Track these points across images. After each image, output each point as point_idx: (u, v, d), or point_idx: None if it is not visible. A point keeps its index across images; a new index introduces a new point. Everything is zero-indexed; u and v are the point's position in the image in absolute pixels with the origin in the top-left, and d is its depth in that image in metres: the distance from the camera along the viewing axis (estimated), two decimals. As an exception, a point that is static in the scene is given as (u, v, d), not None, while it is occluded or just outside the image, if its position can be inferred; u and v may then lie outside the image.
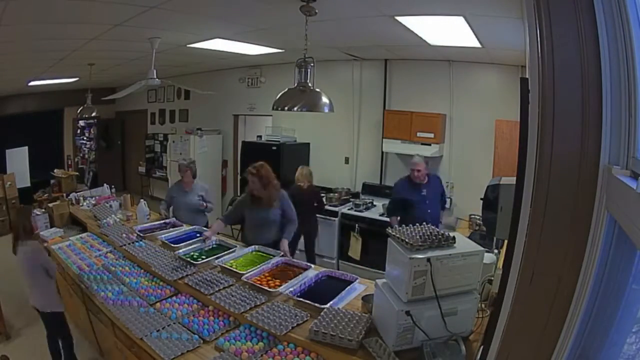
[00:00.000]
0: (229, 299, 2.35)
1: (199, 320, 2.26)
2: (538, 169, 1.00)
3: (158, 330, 2.19)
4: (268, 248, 3.06)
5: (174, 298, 2.54)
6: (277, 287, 2.45)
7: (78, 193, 5.02)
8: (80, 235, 3.80)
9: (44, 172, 7.50)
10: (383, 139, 5.07)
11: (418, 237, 1.80)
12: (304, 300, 2.25)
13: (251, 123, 7.05)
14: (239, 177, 6.35)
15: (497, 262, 2.41)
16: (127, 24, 3.20)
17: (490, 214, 2.00)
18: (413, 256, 1.71)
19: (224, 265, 2.76)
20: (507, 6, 2.49)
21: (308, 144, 5.94)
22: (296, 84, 2.70)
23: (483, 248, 1.90)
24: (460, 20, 2.87)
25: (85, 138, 9.36)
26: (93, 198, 4.75)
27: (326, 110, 2.74)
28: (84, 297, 2.90)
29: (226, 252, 3.01)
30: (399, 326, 1.74)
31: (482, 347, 1.60)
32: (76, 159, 9.13)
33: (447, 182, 4.93)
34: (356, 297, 2.38)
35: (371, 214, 4.76)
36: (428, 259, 1.71)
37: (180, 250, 3.01)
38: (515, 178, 1.29)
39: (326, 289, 2.45)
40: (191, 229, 3.56)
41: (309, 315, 2.14)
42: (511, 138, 4.03)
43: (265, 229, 3.20)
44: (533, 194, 1.02)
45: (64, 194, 5.92)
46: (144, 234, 3.46)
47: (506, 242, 1.78)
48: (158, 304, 2.47)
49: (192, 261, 2.84)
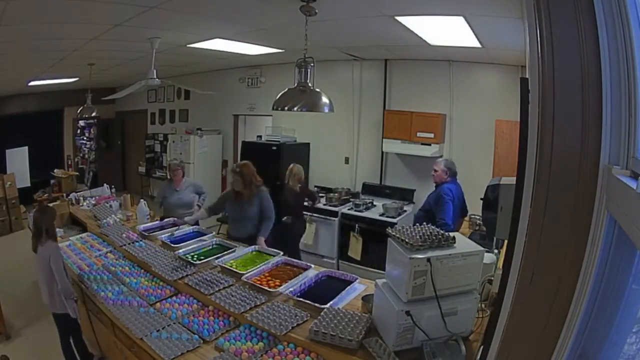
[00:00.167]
0: (229, 299, 2.35)
1: (199, 320, 2.26)
2: (538, 169, 1.00)
3: (158, 330, 2.19)
4: (268, 248, 3.07)
5: (174, 298, 2.54)
6: (277, 287, 2.45)
7: (78, 193, 5.03)
8: (80, 235, 3.81)
9: (44, 172, 7.51)
10: (383, 139, 5.06)
11: (418, 237, 1.80)
12: (304, 300, 2.25)
13: (251, 123, 7.05)
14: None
15: (497, 262, 2.41)
16: (127, 24, 3.20)
17: (490, 214, 2.01)
18: (413, 256, 1.71)
19: (224, 265, 2.76)
20: (507, 6, 2.49)
21: (308, 144, 5.94)
22: (296, 84, 2.70)
23: (483, 248, 1.91)
24: (460, 20, 2.87)
25: (85, 138, 9.36)
26: (93, 198, 4.76)
27: (326, 110, 2.74)
28: (84, 297, 2.90)
29: (226, 252, 3.01)
30: (399, 326, 1.74)
31: (482, 347, 1.60)
32: (76, 159, 9.13)
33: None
34: (356, 297, 2.38)
35: (371, 214, 4.76)
36: (428, 259, 1.71)
37: (180, 250, 3.01)
38: (515, 178, 1.29)
39: (326, 289, 2.45)
40: (191, 229, 3.56)
41: (309, 315, 2.14)
42: (511, 138, 4.03)
43: (243, 223, 3.42)
44: (533, 194, 1.02)
45: (64, 194, 5.93)
46: (148, 233, 3.47)
47: (506, 242, 1.78)
48: (158, 304, 2.47)
49: (192, 261, 2.84)
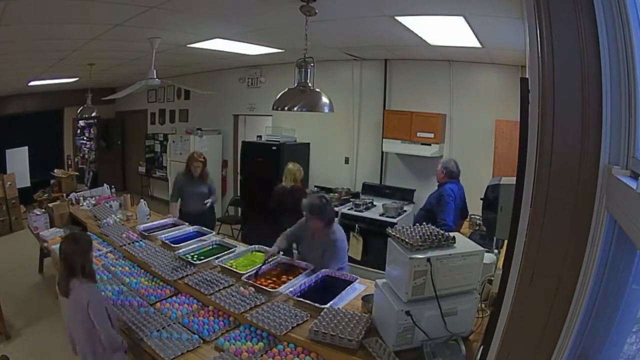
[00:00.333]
0: (229, 299, 2.35)
1: (199, 320, 2.26)
2: (538, 169, 1.00)
3: (158, 330, 2.19)
4: (268, 248, 3.06)
5: (174, 298, 2.54)
6: (277, 287, 2.45)
7: (78, 193, 5.02)
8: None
9: (44, 172, 7.50)
10: (383, 139, 5.06)
11: (418, 237, 1.80)
12: (304, 300, 2.25)
13: (251, 123, 7.05)
14: (239, 177, 6.34)
15: (497, 262, 2.41)
16: (127, 24, 3.20)
17: (490, 214, 2.01)
18: (413, 256, 1.71)
19: (224, 265, 2.76)
20: (507, 6, 2.49)
21: (308, 144, 5.93)
22: (296, 84, 2.69)
23: (483, 248, 1.90)
24: (460, 20, 2.87)
25: (85, 138, 9.35)
26: (93, 198, 4.75)
27: (326, 110, 2.74)
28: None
29: (226, 252, 3.01)
30: (399, 326, 1.74)
31: (482, 347, 1.60)
32: (76, 159, 9.12)
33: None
34: (356, 297, 2.38)
35: (371, 214, 4.75)
36: (428, 259, 1.71)
37: (180, 250, 3.01)
38: (515, 178, 1.29)
39: (326, 289, 2.45)
40: (192, 229, 3.56)
41: (309, 315, 2.14)
42: (511, 138, 4.03)
43: (201, 199, 4.17)
44: (533, 194, 1.02)
45: (64, 194, 5.92)
46: (148, 233, 3.47)
47: (506, 242, 1.78)
48: (158, 304, 2.47)
49: (192, 261, 2.84)
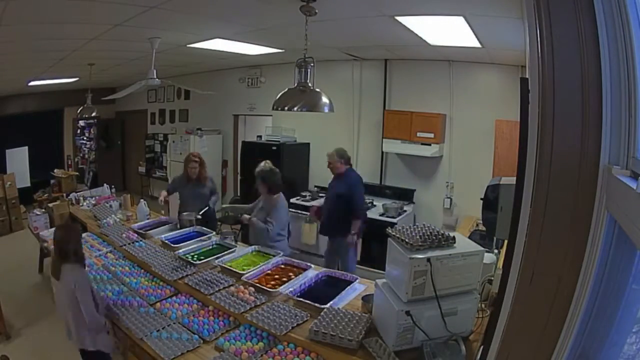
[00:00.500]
0: (229, 299, 2.35)
1: (199, 320, 2.26)
2: (538, 169, 1.00)
3: (158, 330, 2.19)
4: (268, 248, 3.07)
5: (174, 298, 2.54)
6: (277, 287, 2.45)
7: (78, 193, 5.02)
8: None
9: (44, 172, 7.50)
10: (383, 139, 5.06)
11: (418, 237, 1.80)
12: (304, 300, 2.25)
13: (251, 123, 7.05)
14: (239, 177, 6.34)
15: (497, 262, 2.41)
16: (127, 24, 3.20)
17: (490, 214, 2.00)
18: (413, 256, 1.71)
19: (224, 265, 2.75)
20: (507, 6, 2.49)
21: (308, 144, 5.93)
22: (296, 84, 2.70)
23: (483, 248, 1.90)
24: (460, 20, 2.87)
25: (85, 138, 9.35)
26: (93, 198, 4.75)
27: (326, 110, 2.74)
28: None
29: (226, 252, 3.01)
30: (399, 326, 1.74)
31: (482, 347, 1.60)
32: (76, 159, 9.12)
33: (447, 182, 4.93)
34: (356, 297, 2.38)
35: (371, 214, 4.74)
36: (428, 259, 1.71)
37: (180, 250, 3.01)
38: (515, 178, 1.29)
39: (326, 289, 2.45)
40: (192, 229, 3.56)
41: (309, 315, 2.14)
42: (511, 138, 4.03)
43: (200, 201, 3.97)
44: (533, 194, 1.02)
45: (64, 194, 5.92)
46: (144, 231, 3.49)
47: (506, 242, 1.78)
48: (158, 304, 2.47)
49: (192, 261, 2.84)
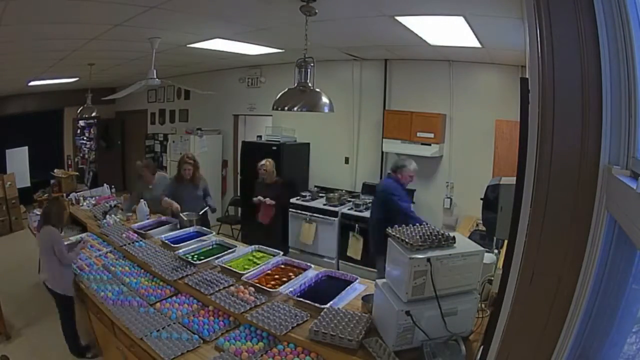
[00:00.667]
0: (229, 299, 2.35)
1: (199, 320, 2.26)
2: (538, 169, 1.00)
3: (158, 330, 2.19)
4: (268, 248, 3.07)
5: (174, 298, 2.54)
6: (277, 287, 2.45)
7: (78, 193, 5.02)
8: (80, 235, 3.80)
9: (44, 172, 7.50)
10: (383, 139, 5.06)
11: (418, 237, 1.80)
12: (304, 300, 2.25)
13: (251, 123, 7.04)
14: (239, 177, 6.34)
15: (497, 262, 2.41)
16: (127, 24, 3.20)
17: (490, 214, 2.00)
18: (413, 256, 1.71)
19: (224, 265, 2.75)
20: (507, 6, 2.49)
21: (308, 144, 5.93)
22: (296, 84, 2.69)
23: (483, 248, 1.90)
24: (460, 20, 2.87)
25: (85, 138, 9.35)
26: (93, 198, 4.75)
27: (326, 110, 2.74)
28: (84, 297, 2.90)
29: (226, 252, 3.01)
30: (399, 326, 1.74)
31: (482, 347, 1.60)
32: (76, 159, 9.12)
33: (447, 182, 4.93)
34: (356, 297, 2.37)
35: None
36: (428, 259, 1.71)
37: (180, 250, 3.01)
38: (515, 178, 1.29)
39: (326, 289, 2.45)
40: (192, 229, 3.56)
41: (309, 315, 2.14)
42: (511, 138, 4.03)
43: (194, 203, 4.02)
44: (533, 194, 1.02)
45: (64, 194, 5.92)
46: (144, 231, 3.49)
47: (506, 242, 1.78)
48: (158, 304, 2.47)
49: (192, 261, 2.84)
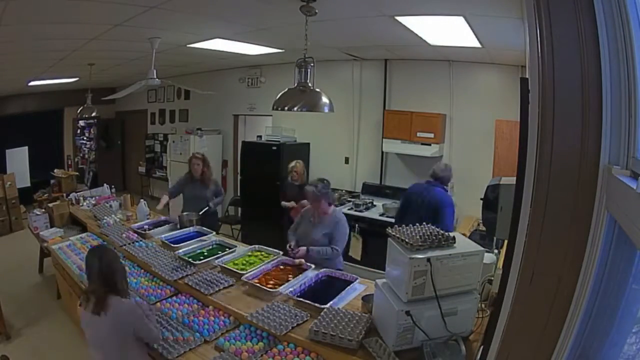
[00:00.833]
0: (229, 299, 2.34)
1: (199, 320, 2.26)
2: (538, 169, 1.00)
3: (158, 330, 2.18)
4: (268, 248, 3.07)
5: (174, 298, 2.54)
6: (277, 287, 2.45)
7: (78, 193, 5.02)
8: (80, 235, 3.80)
9: (44, 172, 7.50)
10: (383, 139, 5.06)
11: (418, 237, 1.80)
12: (304, 300, 2.25)
13: (251, 123, 7.04)
14: (239, 177, 6.34)
15: (497, 262, 2.41)
16: (127, 24, 3.20)
17: (490, 214, 2.00)
18: (413, 256, 1.71)
19: (224, 265, 2.76)
20: (507, 6, 2.49)
21: (308, 144, 5.93)
22: (296, 84, 2.69)
23: (483, 248, 1.90)
24: (460, 20, 2.87)
25: (85, 138, 9.35)
26: (93, 198, 4.75)
27: (326, 110, 2.74)
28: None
29: (226, 252, 3.01)
30: (399, 326, 1.74)
31: (482, 347, 1.60)
32: (76, 159, 9.12)
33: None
34: (356, 297, 2.38)
35: (371, 214, 4.76)
36: (428, 259, 1.71)
37: (180, 250, 3.01)
38: (515, 178, 1.29)
39: (326, 289, 2.45)
40: (192, 229, 3.56)
41: (309, 315, 2.14)
42: (511, 138, 4.03)
43: (201, 202, 3.95)
44: (533, 194, 1.02)
45: (64, 194, 5.92)
46: (144, 231, 3.49)
47: (506, 242, 1.78)
48: (158, 304, 2.47)
49: (192, 261, 2.84)
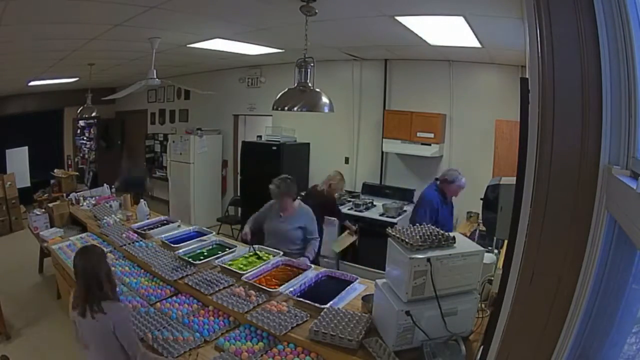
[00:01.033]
0: (229, 299, 2.35)
1: (199, 320, 2.26)
2: (538, 169, 1.00)
3: (158, 329, 2.18)
4: (268, 248, 3.06)
5: (174, 298, 2.53)
6: (277, 287, 2.45)
7: (78, 193, 5.02)
8: (80, 235, 3.80)
9: (44, 172, 7.50)
10: (383, 139, 5.06)
11: (418, 237, 1.80)
12: (304, 300, 2.25)
13: (251, 123, 7.05)
14: (239, 177, 6.35)
15: (497, 262, 2.41)
16: (127, 24, 3.20)
17: (490, 214, 2.01)
18: (413, 256, 1.71)
19: (224, 265, 2.75)
20: (507, 6, 2.49)
21: (308, 144, 5.93)
22: (296, 84, 2.69)
23: (483, 248, 1.90)
24: (460, 20, 2.87)
25: (85, 138, 9.35)
26: (93, 198, 4.75)
27: (326, 110, 2.74)
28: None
29: (226, 252, 3.01)
30: (399, 326, 1.74)
31: (482, 347, 1.60)
32: (76, 159, 9.12)
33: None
34: (356, 297, 2.38)
35: (371, 214, 4.75)
36: (428, 259, 1.71)
37: (180, 250, 3.01)
38: (515, 178, 1.29)
39: (326, 289, 2.45)
40: (192, 229, 3.56)
41: (309, 315, 2.14)
42: (511, 138, 4.03)
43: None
44: (533, 194, 1.02)
45: (64, 194, 5.92)
46: (144, 231, 3.49)
47: (506, 242, 1.78)
48: (158, 304, 2.47)
49: (192, 261, 2.83)
